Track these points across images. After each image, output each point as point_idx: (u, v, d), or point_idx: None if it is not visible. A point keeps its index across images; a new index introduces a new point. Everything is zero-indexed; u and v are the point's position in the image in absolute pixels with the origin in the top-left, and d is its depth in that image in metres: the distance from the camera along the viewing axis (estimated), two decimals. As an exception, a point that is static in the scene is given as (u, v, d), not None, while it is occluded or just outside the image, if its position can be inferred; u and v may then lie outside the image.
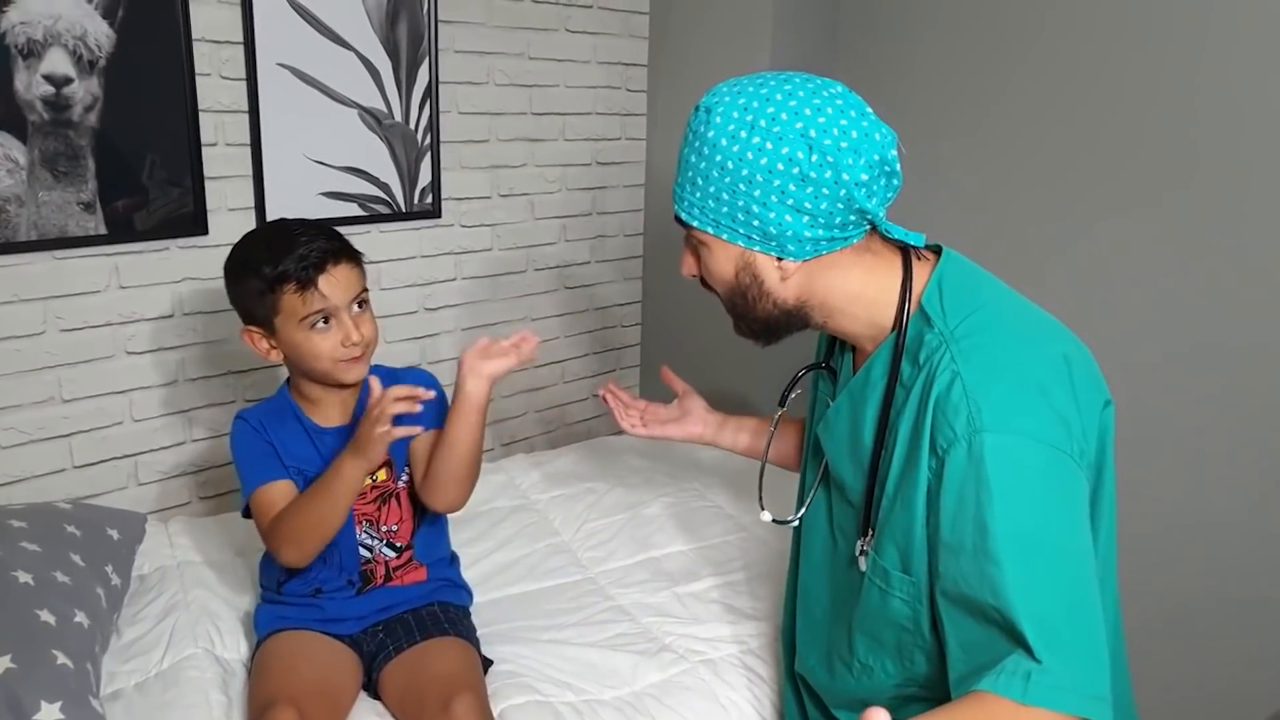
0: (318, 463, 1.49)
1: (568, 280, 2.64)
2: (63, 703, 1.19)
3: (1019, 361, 1.06)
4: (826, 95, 1.09)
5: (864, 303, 1.17)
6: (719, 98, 1.12)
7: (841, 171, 1.06)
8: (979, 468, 1.01)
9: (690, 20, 2.52)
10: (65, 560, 1.45)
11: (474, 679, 1.41)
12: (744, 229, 1.12)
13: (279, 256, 1.38)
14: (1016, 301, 1.17)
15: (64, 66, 1.72)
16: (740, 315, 1.21)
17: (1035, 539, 1.00)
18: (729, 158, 1.09)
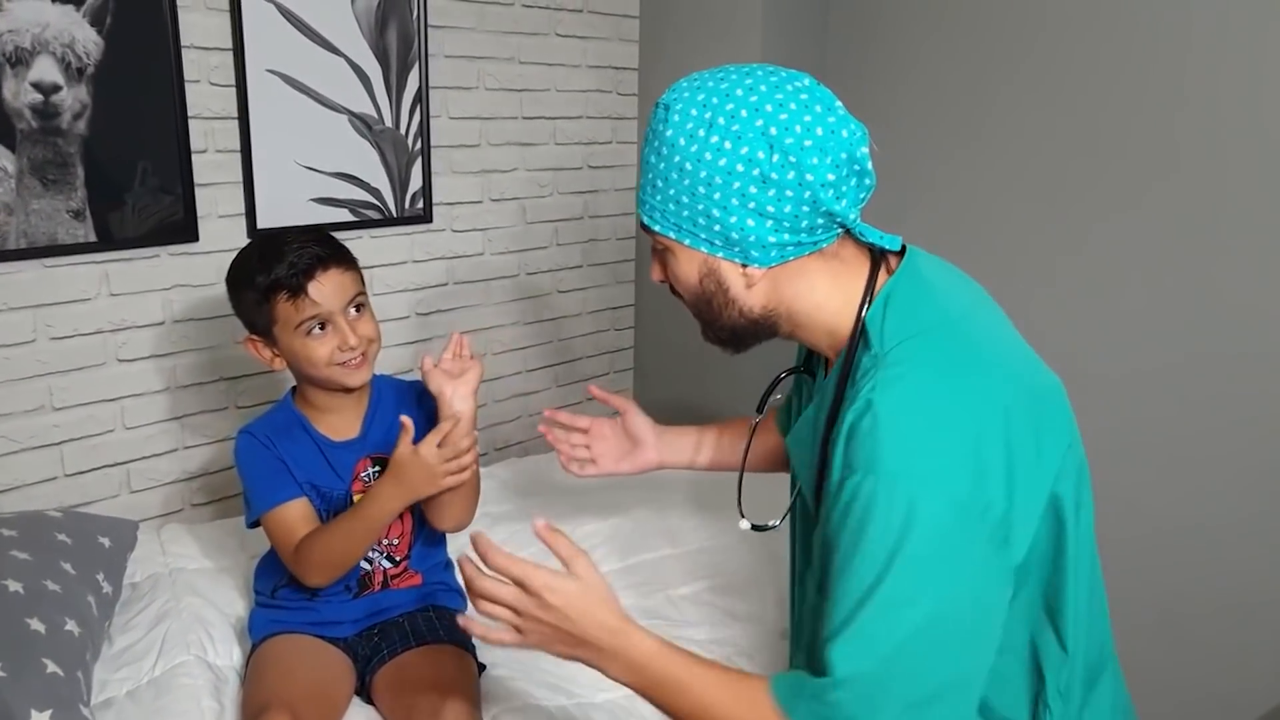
0: (331, 477, 1.49)
1: (560, 284, 2.64)
2: (53, 711, 1.19)
3: (940, 401, 0.97)
4: (790, 90, 1.02)
5: (827, 313, 1.10)
6: (678, 94, 1.05)
7: (805, 172, 0.99)
8: (867, 507, 0.95)
9: (680, 24, 2.53)
10: (56, 568, 1.44)
11: (466, 685, 1.41)
12: (706, 234, 1.05)
13: (270, 265, 1.39)
14: (969, 329, 1.06)
15: (52, 74, 1.72)
16: (706, 323, 1.15)
17: (895, 595, 0.93)
18: (687, 158, 1.02)
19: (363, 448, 1.51)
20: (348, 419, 1.52)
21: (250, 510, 1.48)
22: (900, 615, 0.94)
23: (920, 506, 0.93)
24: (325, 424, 1.51)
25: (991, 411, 0.97)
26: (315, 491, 1.49)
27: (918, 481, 0.94)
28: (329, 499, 1.50)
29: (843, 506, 0.98)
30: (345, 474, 1.50)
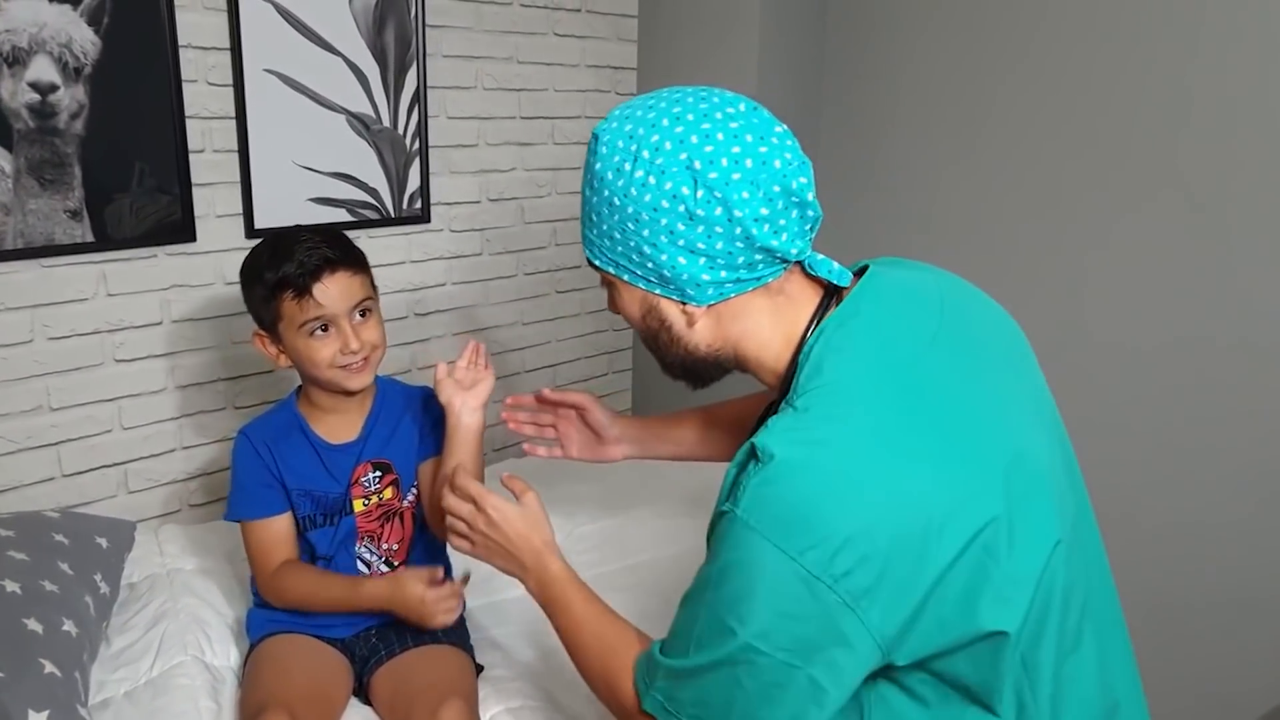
0: (327, 481, 1.49)
1: (558, 285, 2.64)
2: (50, 711, 1.18)
3: (824, 462, 0.88)
4: (719, 118, 0.95)
5: (771, 353, 1.03)
6: (609, 122, 1.00)
7: (734, 208, 0.92)
8: (719, 549, 0.93)
9: (679, 23, 2.52)
10: (53, 569, 1.44)
11: (464, 685, 1.40)
12: (640, 270, 0.99)
13: (280, 263, 1.39)
14: (902, 379, 0.94)
15: (50, 74, 1.72)
16: (657, 358, 1.10)
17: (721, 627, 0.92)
18: (615, 193, 0.96)
19: (362, 451, 1.51)
20: (349, 421, 1.52)
21: (230, 509, 1.50)
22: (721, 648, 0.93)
23: (762, 566, 0.88)
24: (325, 426, 1.51)
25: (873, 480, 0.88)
26: (309, 497, 1.49)
27: (770, 543, 0.88)
28: (323, 502, 1.49)
29: (710, 537, 0.97)
30: (342, 477, 1.50)
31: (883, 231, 2.35)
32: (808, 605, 0.87)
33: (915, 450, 0.89)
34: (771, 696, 0.91)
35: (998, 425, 0.95)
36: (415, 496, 1.55)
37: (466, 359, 1.48)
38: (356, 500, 1.50)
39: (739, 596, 0.90)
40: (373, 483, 1.51)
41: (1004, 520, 0.89)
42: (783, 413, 0.94)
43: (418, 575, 1.42)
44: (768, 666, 0.90)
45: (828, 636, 0.88)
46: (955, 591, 0.88)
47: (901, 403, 0.92)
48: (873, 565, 0.86)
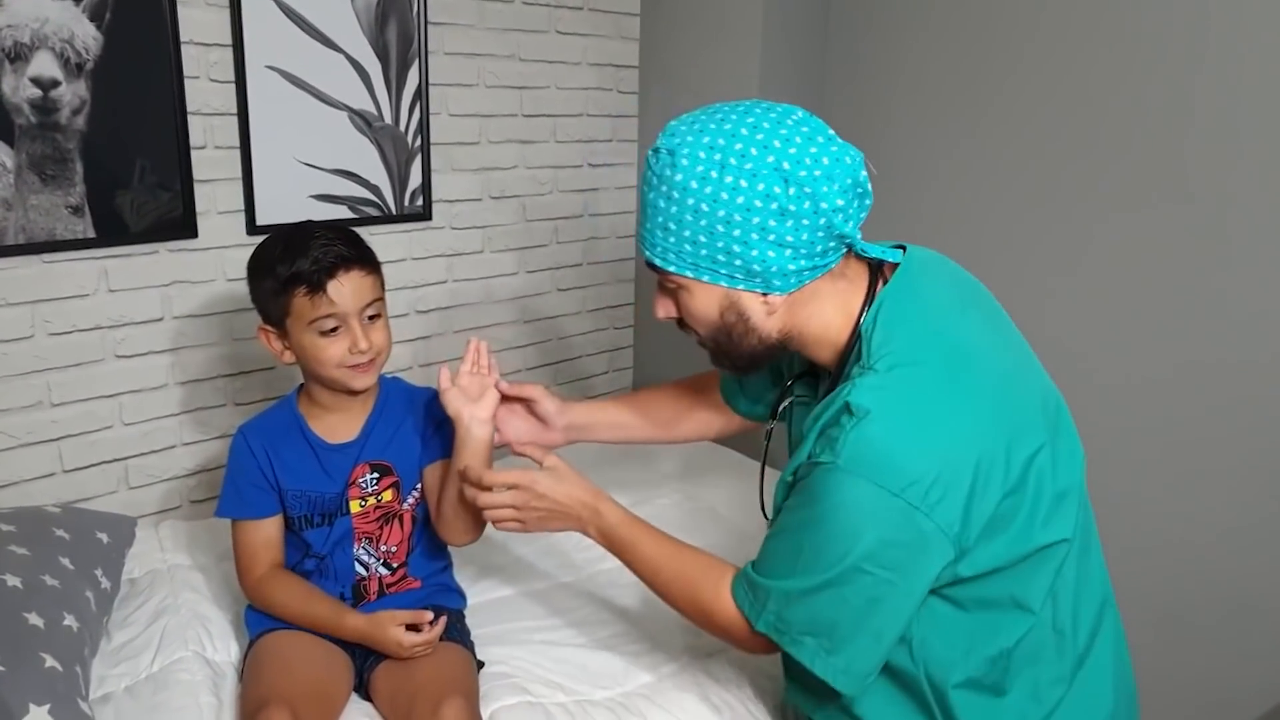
0: (322, 481, 1.48)
1: (560, 282, 2.64)
2: (51, 705, 1.18)
3: (908, 412, 1.05)
4: (791, 123, 1.07)
5: (833, 330, 1.17)
6: (679, 138, 1.09)
7: (820, 200, 1.05)
8: (820, 494, 1.07)
9: (681, 21, 2.52)
10: (54, 564, 1.44)
11: (465, 683, 1.40)
12: (726, 269, 1.10)
13: (294, 258, 1.37)
14: (956, 356, 1.11)
15: (51, 69, 1.72)
16: (725, 353, 1.20)
17: (834, 563, 1.08)
18: (702, 199, 1.06)
19: (360, 452, 1.50)
20: (349, 420, 1.51)
21: (220, 505, 1.50)
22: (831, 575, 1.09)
23: (873, 504, 1.04)
24: (324, 425, 1.50)
25: (956, 423, 1.06)
26: (305, 498, 1.48)
27: (876, 485, 1.04)
28: (319, 502, 1.49)
29: (799, 486, 1.12)
30: (339, 477, 1.49)
31: (883, 226, 2.35)
32: (907, 531, 1.04)
33: (976, 397, 1.08)
34: (872, 608, 1.08)
35: (1026, 371, 1.18)
36: (416, 499, 1.54)
37: (470, 362, 1.46)
38: (353, 501, 1.49)
39: (846, 530, 1.06)
40: (370, 484, 1.50)
41: (1049, 445, 1.11)
42: (864, 374, 1.08)
43: (396, 618, 1.40)
44: (871, 584, 1.07)
45: (921, 554, 1.06)
46: (1023, 509, 1.08)
47: (957, 359, 1.10)
48: (959, 493, 1.04)
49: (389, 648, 1.40)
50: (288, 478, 1.47)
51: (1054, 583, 1.14)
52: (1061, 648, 1.17)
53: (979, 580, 1.11)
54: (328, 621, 1.44)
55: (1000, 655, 1.15)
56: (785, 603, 1.13)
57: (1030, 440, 1.09)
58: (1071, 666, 1.18)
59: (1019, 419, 1.10)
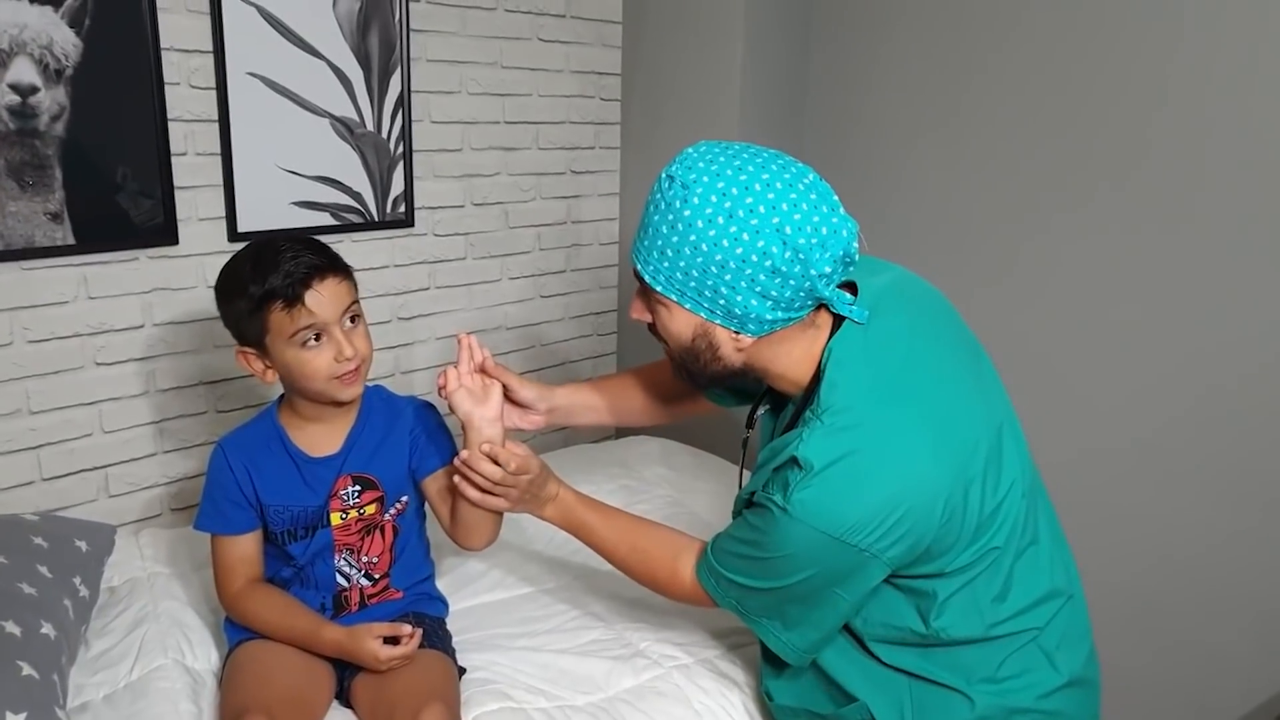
0: (304, 495, 1.47)
1: (542, 289, 2.64)
2: (28, 713, 1.18)
3: (851, 467, 1.14)
4: (802, 188, 1.14)
5: (797, 370, 1.26)
6: (695, 174, 1.15)
7: (810, 266, 1.13)
8: (769, 533, 1.19)
9: (663, 29, 2.53)
10: (32, 572, 1.43)
11: (445, 689, 1.40)
12: (709, 304, 1.18)
13: (265, 274, 1.35)
14: (905, 397, 1.20)
15: (30, 75, 1.71)
16: (687, 369, 1.29)
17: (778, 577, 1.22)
18: (703, 240, 1.13)
19: (342, 465, 1.48)
20: (331, 432, 1.49)
21: (198, 519, 1.50)
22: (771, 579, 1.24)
23: (816, 547, 1.16)
24: (306, 438, 1.48)
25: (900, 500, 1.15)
26: (287, 512, 1.47)
27: (819, 531, 1.15)
28: (300, 516, 1.47)
29: (754, 509, 1.24)
30: (321, 489, 1.47)
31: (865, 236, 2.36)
32: (848, 563, 1.17)
33: (916, 442, 1.16)
34: (818, 609, 1.24)
35: (970, 395, 1.25)
36: (398, 510, 1.52)
37: (465, 361, 1.43)
38: (334, 513, 1.48)
39: (792, 564, 1.19)
40: (352, 496, 1.48)
41: (987, 471, 1.20)
42: (811, 425, 1.17)
43: (374, 631, 1.38)
44: (816, 595, 1.22)
45: (861, 575, 1.19)
46: (959, 534, 1.19)
47: (899, 406, 1.18)
48: (902, 533, 1.14)
49: (366, 661, 1.39)
50: (269, 493, 1.46)
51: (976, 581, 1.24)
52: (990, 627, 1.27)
53: (914, 579, 1.23)
54: (305, 636, 1.43)
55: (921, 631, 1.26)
56: (743, 594, 1.29)
57: (967, 472, 1.19)
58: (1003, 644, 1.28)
59: (958, 454, 1.19)
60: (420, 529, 1.59)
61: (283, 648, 1.45)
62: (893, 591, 1.25)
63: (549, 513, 1.44)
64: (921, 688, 1.28)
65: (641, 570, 1.43)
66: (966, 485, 1.18)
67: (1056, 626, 1.29)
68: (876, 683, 1.30)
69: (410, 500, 1.54)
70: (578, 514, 1.44)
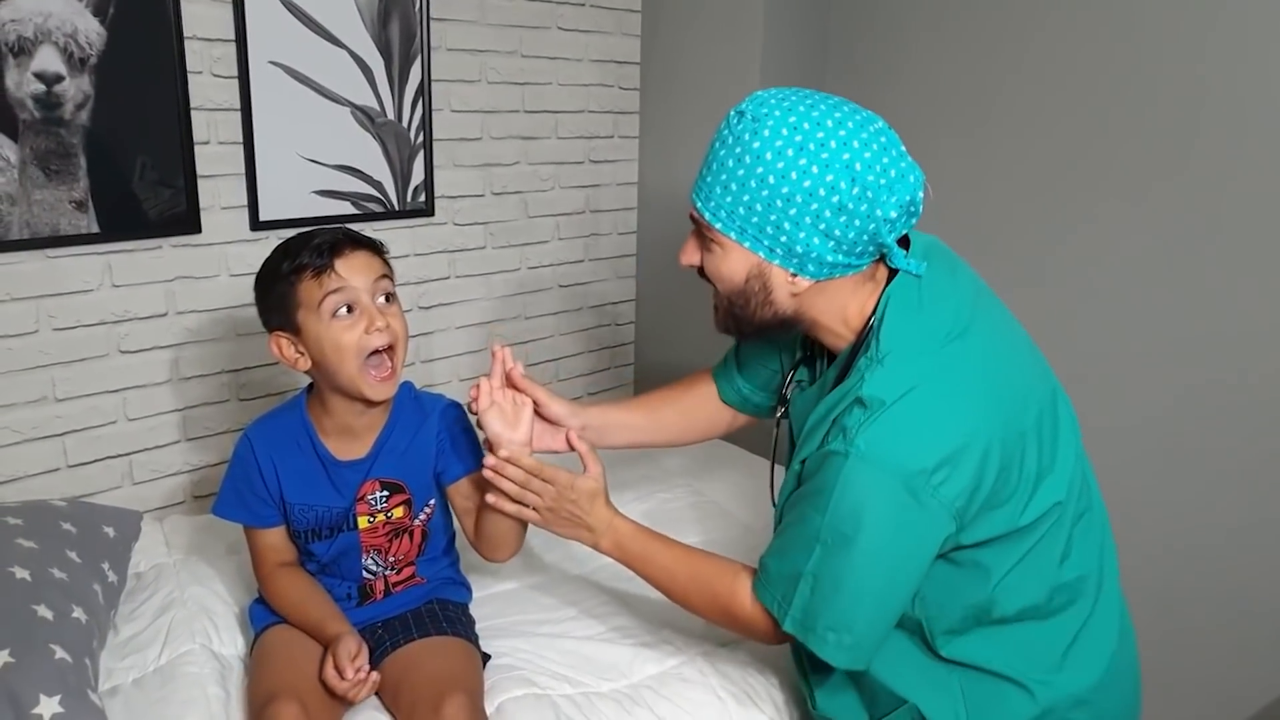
0: (331, 495, 1.46)
1: (561, 279, 2.64)
2: (62, 696, 1.19)
3: (916, 403, 1.13)
4: (872, 130, 1.12)
5: (847, 323, 1.24)
6: (767, 109, 1.13)
7: (876, 207, 1.11)
8: (832, 481, 1.14)
9: (682, 18, 2.53)
10: (62, 557, 1.44)
11: (468, 678, 1.40)
12: (769, 241, 1.15)
13: (297, 252, 1.37)
14: (965, 350, 1.18)
15: (55, 64, 1.72)
16: (735, 316, 1.25)
17: (839, 541, 1.15)
18: (771, 172, 1.11)
19: (371, 469, 1.47)
20: (360, 436, 1.47)
21: (219, 504, 1.50)
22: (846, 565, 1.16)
23: (882, 491, 1.12)
24: (334, 438, 1.46)
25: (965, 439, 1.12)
26: (311, 512, 1.46)
27: (886, 471, 1.11)
28: (325, 516, 1.47)
29: (809, 474, 1.19)
30: (348, 492, 1.46)
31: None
32: (913, 511, 1.12)
33: (976, 384, 1.15)
34: (883, 585, 1.17)
35: (1025, 354, 1.25)
36: (428, 514, 1.52)
37: (499, 375, 1.40)
38: (361, 517, 1.47)
39: (857, 513, 1.13)
40: (380, 501, 1.48)
41: (1033, 429, 1.19)
42: (873, 368, 1.16)
43: (341, 661, 1.33)
44: (881, 562, 1.15)
45: (926, 530, 1.14)
46: (1017, 484, 1.17)
47: (959, 348, 1.17)
48: (963, 475, 1.12)
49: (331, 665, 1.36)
50: (293, 492, 1.46)
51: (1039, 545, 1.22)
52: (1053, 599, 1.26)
53: (976, 548, 1.20)
54: (313, 629, 1.43)
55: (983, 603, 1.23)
56: (807, 593, 1.20)
57: (1023, 420, 1.18)
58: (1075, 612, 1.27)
59: (1014, 400, 1.18)
60: (446, 523, 1.58)
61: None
62: (951, 568, 1.22)
63: (605, 544, 1.38)
64: (976, 683, 1.25)
65: (701, 598, 1.34)
66: (1023, 433, 1.17)
67: (1105, 603, 1.29)
68: (931, 681, 1.27)
69: (436, 503, 1.53)
70: (636, 544, 1.38)
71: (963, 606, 1.24)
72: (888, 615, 1.21)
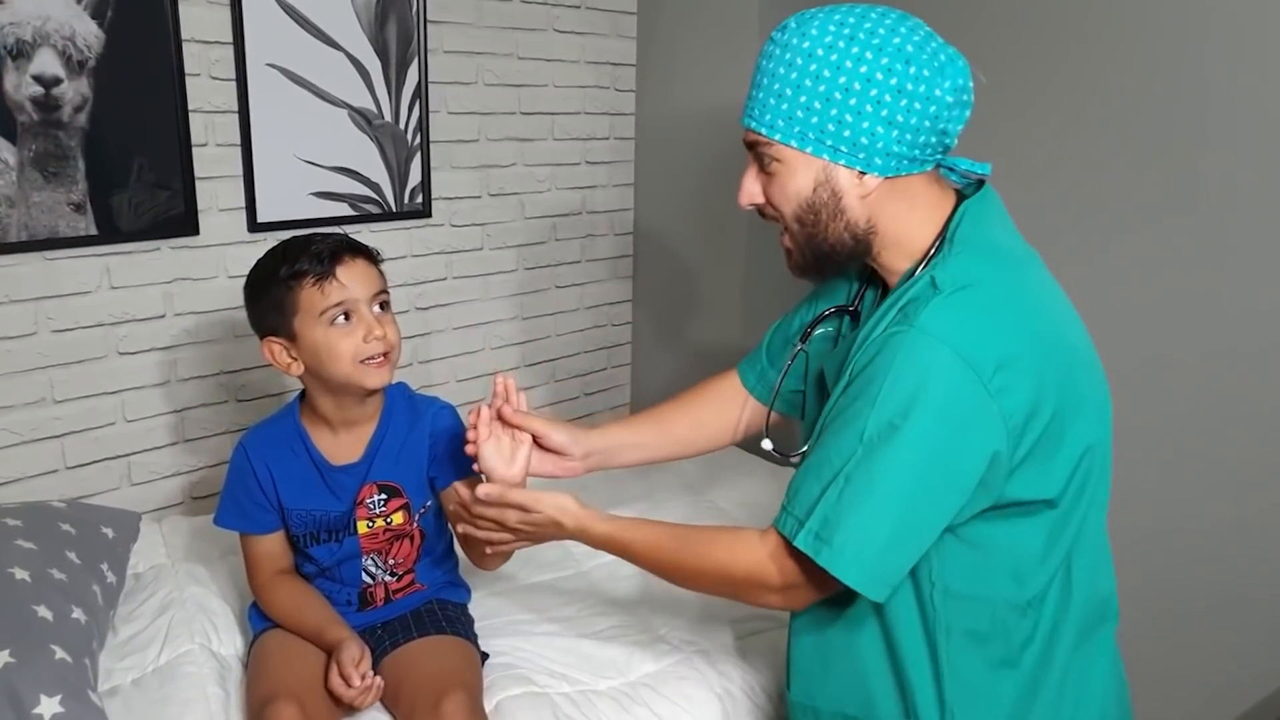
0: (328, 499, 1.46)
1: (558, 280, 2.65)
2: (62, 695, 1.19)
3: (992, 293, 1.09)
4: (914, 23, 1.14)
5: (918, 235, 1.18)
6: (810, 16, 1.13)
7: (934, 88, 1.10)
8: (889, 354, 1.07)
9: (677, 20, 2.54)
10: (61, 558, 1.45)
11: (467, 677, 1.41)
12: (832, 139, 1.12)
13: (296, 256, 1.37)
14: (1036, 275, 1.18)
15: (53, 67, 1.72)
16: (808, 237, 1.18)
17: (885, 432, 1.05)
18: (825, 66, 1.10)
19: (367, 473, 1.47)
20: (354, 439, 1.48)
21: (219, 515, 1.52)
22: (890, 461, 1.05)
23: (944, 367, 1.04)
24: (328, 443, 1.47)
25: (1028, 321, 1.09)
26: (310, 516, 1.47)
27: (950, 347, 1.04)
28: (324, 521, 1.47)
29: (860, 370, 1.10)
30: (345, 496, 1.47)
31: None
32: (968, 404, 1.04)
33: (1047, 314, 1.13)
34: (917, 489, 1.06)
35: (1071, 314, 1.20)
36: (423, 512, 1.52)
37: (496, 404, 1.35)
38: (360, 521, 1.48)
39: (908, 384, 1.05)
40: (379, 505, 1.48)
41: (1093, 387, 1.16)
42: (945, 257, 1.13)
43: (345, 668, 1.33)
44: (922, 457, 1.05)
45: (976, 435, 1.05)
46: (1065, 439, 1.10)
47: (1032, 279, 1.16)
48: (1027, 387, 1.05)
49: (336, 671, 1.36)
50: (290, 497, 1.46)
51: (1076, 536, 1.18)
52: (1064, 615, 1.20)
53: (1016, 513, 1.12)
54: (311, 635, 1.43)
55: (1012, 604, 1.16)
56: (834, 498, 1.07)
57: (1080, 367, 1.14)
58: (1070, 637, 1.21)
59: (1073, 345, 1.15)
60: (443, 526, 1.58)
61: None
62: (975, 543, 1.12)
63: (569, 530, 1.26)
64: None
65: (694, 559, 1.20)
66: (1075, 377, 1.12)
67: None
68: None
69: (432, 503, 1.53)
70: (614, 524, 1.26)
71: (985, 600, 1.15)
72: (914, 533, 1.08)
